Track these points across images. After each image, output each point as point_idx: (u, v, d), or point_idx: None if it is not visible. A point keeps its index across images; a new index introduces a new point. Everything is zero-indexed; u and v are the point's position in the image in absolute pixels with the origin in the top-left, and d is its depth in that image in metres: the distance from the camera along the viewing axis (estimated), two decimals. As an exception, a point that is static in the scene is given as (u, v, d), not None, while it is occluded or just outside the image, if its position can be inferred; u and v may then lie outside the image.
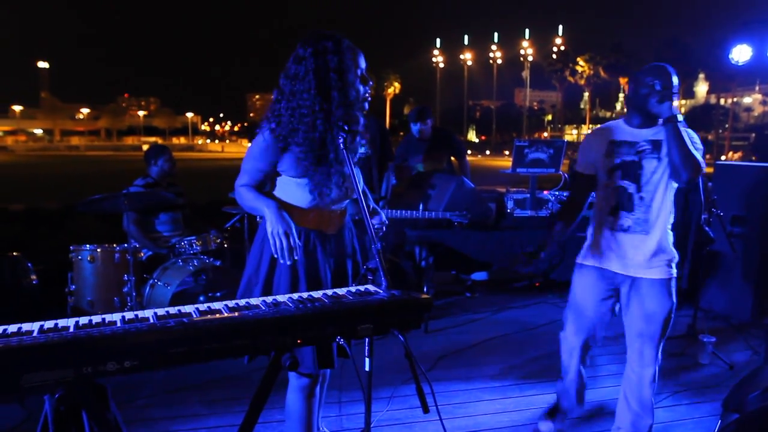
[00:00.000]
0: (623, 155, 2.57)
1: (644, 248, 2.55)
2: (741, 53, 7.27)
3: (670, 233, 2.59)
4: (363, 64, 2.11)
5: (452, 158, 5.22)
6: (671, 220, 2.59)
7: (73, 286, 3.91)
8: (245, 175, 2.12)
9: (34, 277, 4.29)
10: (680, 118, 2.39)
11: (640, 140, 2.54)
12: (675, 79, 2.46)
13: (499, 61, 64.13)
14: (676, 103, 2.41)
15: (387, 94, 67.58)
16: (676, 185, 2.54)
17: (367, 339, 1.89)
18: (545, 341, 4.19)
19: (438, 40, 66.75)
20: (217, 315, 1.49)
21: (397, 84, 68.32)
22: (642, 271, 2.56)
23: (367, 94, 2.13)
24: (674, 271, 2.56)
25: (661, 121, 2.44)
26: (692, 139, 2.45)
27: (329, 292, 1.73)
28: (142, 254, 4.18)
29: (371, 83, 2.14)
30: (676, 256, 2.59)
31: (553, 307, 4.99)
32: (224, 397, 3.21)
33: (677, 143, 2.37)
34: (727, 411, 2.83)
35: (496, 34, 65.81)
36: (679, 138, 2.37)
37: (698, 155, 2.40)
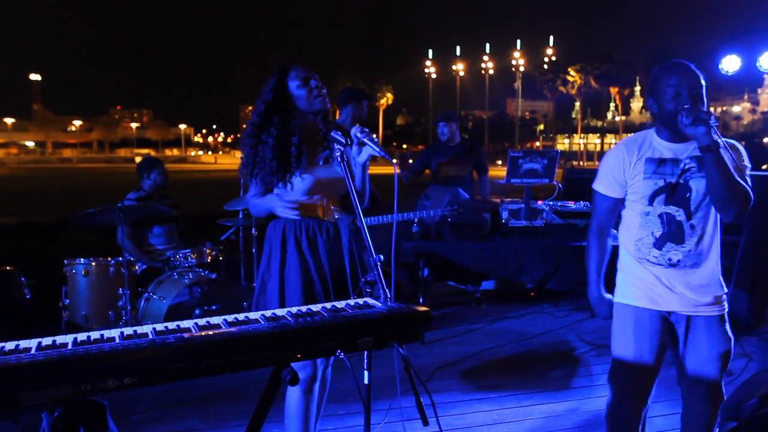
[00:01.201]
0: (666, 176, 2.16)
1: (696, 284, 2.19)
2: (730, 63, 7.36)
3: (719, 262, 2.26)
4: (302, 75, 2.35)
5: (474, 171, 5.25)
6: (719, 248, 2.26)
7: (68, 300, 3.88)
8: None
9: (27, 291, 4.26)
10: (721, 142, 1.97)
11: (683, 157, 2.15)
12: (704, 82, 2.10)
13: (491, 72, 64.57)
14: (713, 120, 1.97)
15: (380, 104, 67.81)
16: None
17: (365, 352, 1.89)
18: (541, 351, 4.19)
19: (430, 51, 67.22)
20: (217, 330, 1.48)
21: (389, 95, 68.58)
22: (695, 309, 2.21)
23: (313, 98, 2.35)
24: (727, 305, 2.25)
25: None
26: (736, 157, 2.08)
27: (328, 305, 1.73)
28: (137, 268, 4.17)
29: (313, 83, 2.35)
30: (726, 288, 2.28)
31: (549, 316, 5.00)
32: (221, 412, 3.18)
33: (720, 176, 1.99)
34: (725, 419, 2.83)
35: (487, 45, 66.26)
36: (723, 170, 1.98)
37: (746, 182, 2.06)
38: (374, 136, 2.17)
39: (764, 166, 9.77)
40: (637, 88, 68.66)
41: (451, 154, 5.06)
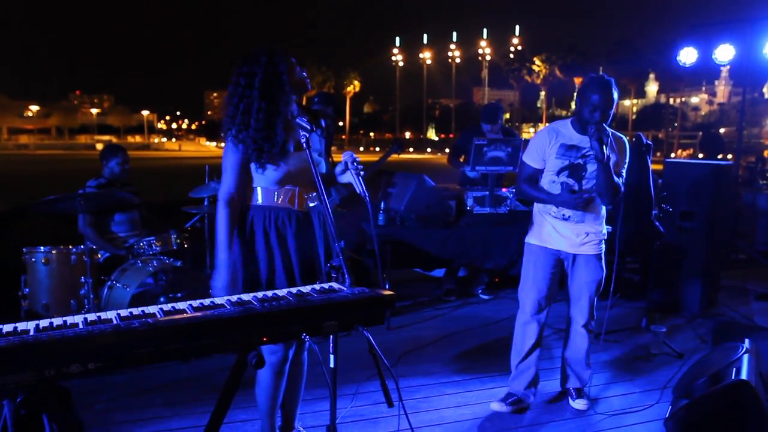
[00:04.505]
0: (571, 158, 2.98)
1: (579, 232, 3.03)
2: (687, 56, 7.53)
3: (602, 217, 3.08)
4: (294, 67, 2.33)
5: None
6: (603, 210, 3.08)
7: (27, 290, 3.79)
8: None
9: (-17, 280, 4.14)
10: (607, 152, 2.82)
11: (586, 146, 2.93)
12: (615, 96, 2.89)
13: (458, 60, 64.80)
14: (609, 135, 2.84)
15: (347, 92, 67.41)
16: None
17: (331, 336, 1.92)
18: (505, 335, 4.29)
19: (398, 39, 67.02)
20: (182, 315, 1.49)
21: (357, 82, 68.21)
22: (577, 249, 3.05)
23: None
24: (603, 247, 3.10)
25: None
26: (618, 154, 2.95)
27: (294, 290, 1.75)
28: (99, 256, 4.09)
29: (297, 66, 2.33)
30: (606, 234, 3.12)
31: (512, 301, 5.09)
32: (186, 399, 3.18)
33: (604, 178, 2.87)
34: (677, 397, 2.96)
35: (454, 34, 66.36)
36: (606, 174, 2.86)
37: (621, 178, 2.97)
38: (362, 172, 2.17)
39: (719, 156, 10.08)
40: (601, 79, 69.65)
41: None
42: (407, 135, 70.04)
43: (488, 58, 64.58)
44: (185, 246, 4.31)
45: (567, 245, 3.06)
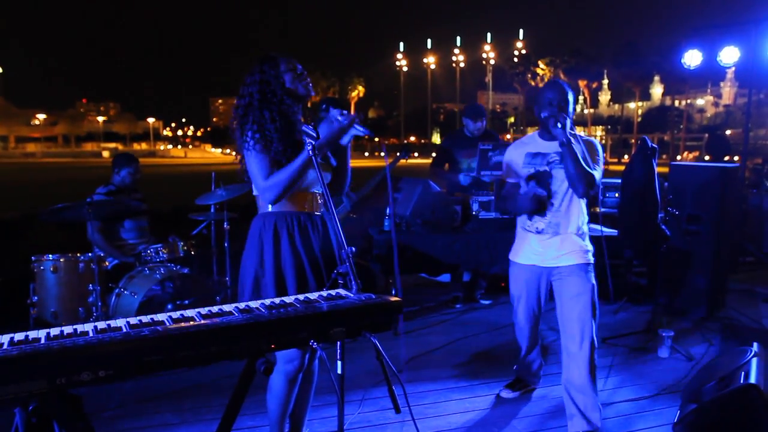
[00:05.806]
0: (537, 165, 2.91)
1: (556, 246, 2.88)
2: (692, 58, 7.54)
3: (582, 231, 2.90)
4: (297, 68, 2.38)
5: None
6: (584, 219, 2.92)
7: (36, 298, 3.82)
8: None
9: (-7, 289, 4.18)
10: (573, 139, 2.72)
11: (551, 152, 2.86)
12: (570, 96, 2.82)
13: (462, 65, 64.84)
14: (569, 123, 2.75)
15: (351, 97, 67.63)
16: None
17: (338, 342, 1.92)
18: (512, 340, 4.26)
19: (402, 44, 67.10)
20: (191, 322, 1.50)
21: (361, 87, 68.46)
22: (557, 261, 2.89)
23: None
24: (590, 258, 2.89)
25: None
26: (586, 154, 2.77)
27: (301, 297, 1.76)
28: (107, 263, 4.12)
29: (299, 70, 2.38)
30: (590, 247, 2.92)
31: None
32: (194, 406, 3.19)
33: (572, 163, 2.70)
34: (685, 401, 2.95)
35: (458, 38, 66.44)
36: (573, 158, 2.70)
37: (596, 171, 2.76)
38: (355, 117, 2.24)
39: (726, 158, 10.05)
40: (605, 82, 69.72)
41: (472, 144, 5.02)
42: (411, 139, 70.11)
43: (492, 62, 64.56)
44: (192, 253, 4.34)
45: (545, 259, 2.92)
